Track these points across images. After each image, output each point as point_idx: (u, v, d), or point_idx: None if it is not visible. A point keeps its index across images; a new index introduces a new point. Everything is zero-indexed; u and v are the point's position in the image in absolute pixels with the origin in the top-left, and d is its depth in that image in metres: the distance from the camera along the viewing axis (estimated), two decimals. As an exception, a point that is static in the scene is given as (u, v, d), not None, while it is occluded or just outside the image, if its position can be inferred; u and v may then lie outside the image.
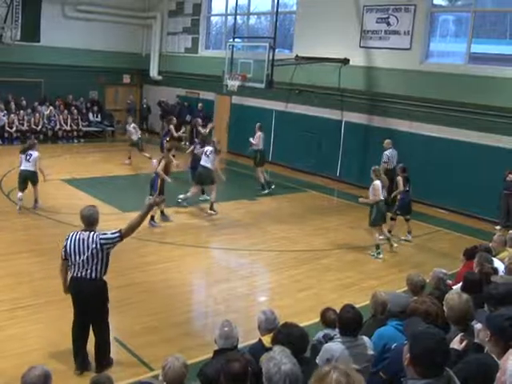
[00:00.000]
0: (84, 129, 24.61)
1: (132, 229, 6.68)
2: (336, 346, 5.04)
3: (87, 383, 4.46)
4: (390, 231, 12.56)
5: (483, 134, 15.10)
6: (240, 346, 5.21)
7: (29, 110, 23.38)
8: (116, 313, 8.54)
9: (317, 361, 4.96)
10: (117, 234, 6.61)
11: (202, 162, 14.30)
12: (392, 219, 12.93)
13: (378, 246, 11.84)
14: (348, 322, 5.10)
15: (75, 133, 24.33)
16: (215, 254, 11.89)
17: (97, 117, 25.53)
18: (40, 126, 23.12)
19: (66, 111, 24.40)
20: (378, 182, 11.65)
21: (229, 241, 12.10)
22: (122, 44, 25.54)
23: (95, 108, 25.66)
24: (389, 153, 15.63)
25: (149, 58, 26.39)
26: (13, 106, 23.29)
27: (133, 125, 20.16)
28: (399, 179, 12.97)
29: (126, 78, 27.10)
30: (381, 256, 11.75)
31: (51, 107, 24.03)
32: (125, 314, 8.44)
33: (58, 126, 23.72)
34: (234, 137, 22.82)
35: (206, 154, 14.32)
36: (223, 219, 13.89)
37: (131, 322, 8.21)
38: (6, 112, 22.74)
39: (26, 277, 9.64)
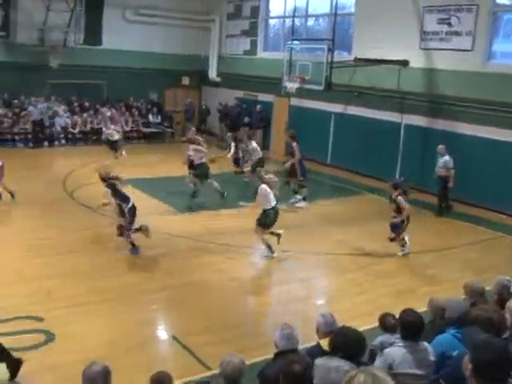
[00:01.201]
0: (144, 130, 25.02)
1: None
2: (397, 351, 4.99)
3: (146, 380, 4.52)
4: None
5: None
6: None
7: (91, 112, 23.96)
8: (174, 311, 8.71)
9: (377, 365, 4.92)
10: None
11: None
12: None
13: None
14: (410, 326, 5.04)
15: (135, 134, 24.79)
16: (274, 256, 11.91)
17: (156, 118, 25.92)
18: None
19: (126, 113, 24.89)
20: None
21: (287, 243, 12.12)
22: (182, 46, 25.82)
23: (155, 109, 26.07)
24: (449, 158, 15.15)
25: (208, 60, 26.63)
26: (76, 107, 23.90)
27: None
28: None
29: (185, 80, 27.39)
30: None
31: (113, 109, 24.51)
32: (182, 313, 8.56)
33: (118, 127, 24.11)
34: (291, 139, 22.77)
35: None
36: (281, 222, 13.88)
37: (189, 321, 8.32)
38: (69, 113, 23.32)
39: (86, 274, 9.88)
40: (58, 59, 22.83)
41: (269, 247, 11.31)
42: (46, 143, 21.94)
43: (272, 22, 25.59)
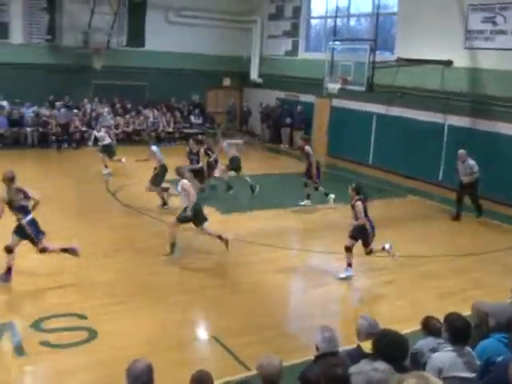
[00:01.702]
0: (186, 131, 25.18)
1: None
2: (447, 355, 4.90)
3: (186, 379, 4.53)
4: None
5: None
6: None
7: (133, 113, 24.24)
8: (214, 311, 8.75)
9: (427, 370, 4.85)
10: None
11: None
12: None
13: None
14: (459, 330, 4.96)
15: (177, 134, 24.98)
16: (313, 257, 11.87)
17: (198, 119, 26.06)
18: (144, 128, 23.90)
19: (168, 114, 25.11)
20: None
21: (326, 244, 12.06)
22: (223, 47, 25.90)
23: (197, 111, 26.21)
24: (473, 162, 14.49)
25: (249, 61, 26.69)
26: (119, 108, 24.22)
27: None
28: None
29: (227, 81, 27.50)
30: None
31: (155, 110, 24.79)
32: (222, 313, 8.59)
33: (160, 128, 24.40)
34: (333, 140, 22.71)
35: None
36: (321, 222, 13.86)
37: (229, 322, 8.33)
38: (112, 114, 23.65)
39: (128, 273, 10.01)
40: (101, 61, 23.17)
41: (172, 246, 10.90)
42: (90, 143, 22.18)
43: (314, 22, 25.52)
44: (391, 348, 4.49)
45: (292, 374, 4.91)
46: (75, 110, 23.07)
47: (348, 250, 10.23)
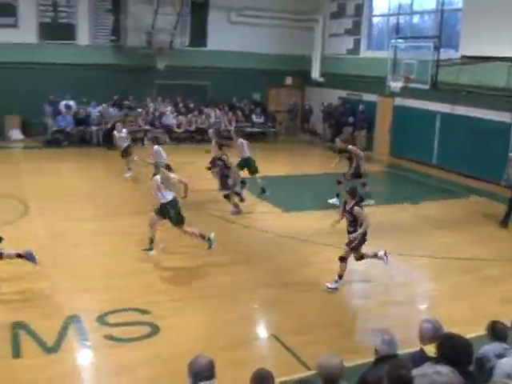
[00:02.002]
0: (247, 130, 25.28)
1: None
2: None
3: (246, 376, 4.49)
4: None
5: None
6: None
7: (196, 112, 24.51)
8: (275, 310, 8.76)
9: (495, 376, 4.75)
10: None
11: None
12: None
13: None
14: None
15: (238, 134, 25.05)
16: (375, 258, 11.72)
17: (260, 118, 26.14)
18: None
19: (230, 113, 25.28)
20: None
21: (389, 245, 11.88)
22: (285, 46, 25.87)
23: (258, 110, 26.30)
24: None
25: (311, 60, 26.58)
26: (182, 108, 24.53)
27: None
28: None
29: (288, 80, 27.46)
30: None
31: (216, 109, 24.99)
32: (283, 312, 8.59)
33: (222, 127, 24.56)
34: (396, 139, 22.42)
35: None
36: (385, 223, 13.68)
37: (289, 320, 8.32)
38: (175, 114, 23.97)
39: (190, 271, 10.18)
40: (164, 61, 23.49)
41: (151, 241, 10.76)
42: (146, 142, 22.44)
43: (376, 20, 25.21)
44: (456, 352, 4.41)
45: (351, 376, 4.87)
46: (139, 110, 23.48)
47: (343, 260, 9.58)
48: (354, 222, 9.47)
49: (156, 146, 15.31)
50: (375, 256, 10.06)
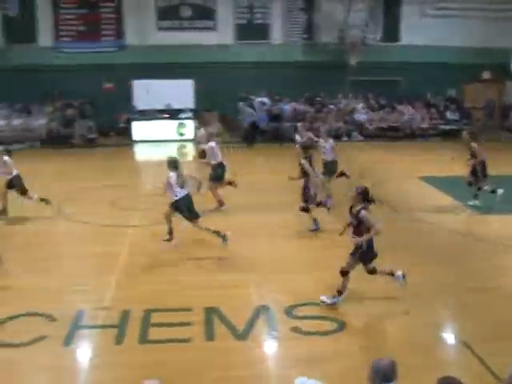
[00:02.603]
0: (441, 127, 24.33)
1: None
2: None
3: (432, 381, 4.29)
4: None
5: None
6: None
7: (388, 109, 24.04)
8: (467, 316, 8.03)
9: None
10: None
11: None
12: None
13: None
14: None
15: (432, 131, 24.22)
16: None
17: (454, 115, 25.00)
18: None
19: (424, 109, 24.48)
20: None
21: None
22: (482, 39, 24.47)
23: (453, 106, 25.20)
24: None
25: (510, 53, 24.94)
26: (374, 104, 24.20)
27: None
28: None
29: (486, 74, 26.01)
30: None
31: (409, 106, 24.34)
32: (476, 319, 7.82)
33: (416, 124, 23.86)
34: None
35: None
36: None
37: (482, 328, 7.57)
38: (367, 109, 23.69)
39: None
40: (356, 57, 23.39)
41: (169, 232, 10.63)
42: (345, 138, 22.44)
43: None
44: None
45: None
46: (331, 106, 23.51)
47: (345, 274, 8.12)
48: (359, 229, 7.97)
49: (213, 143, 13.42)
50: (391, 274, 8.50)
